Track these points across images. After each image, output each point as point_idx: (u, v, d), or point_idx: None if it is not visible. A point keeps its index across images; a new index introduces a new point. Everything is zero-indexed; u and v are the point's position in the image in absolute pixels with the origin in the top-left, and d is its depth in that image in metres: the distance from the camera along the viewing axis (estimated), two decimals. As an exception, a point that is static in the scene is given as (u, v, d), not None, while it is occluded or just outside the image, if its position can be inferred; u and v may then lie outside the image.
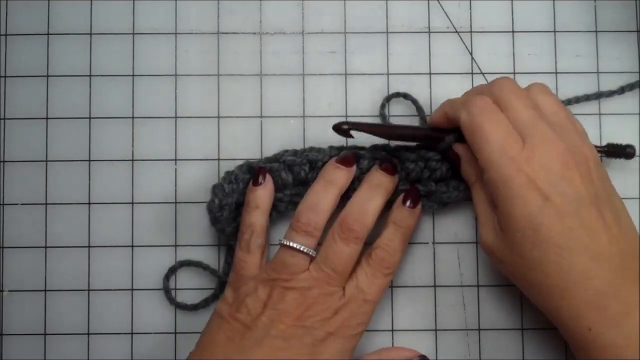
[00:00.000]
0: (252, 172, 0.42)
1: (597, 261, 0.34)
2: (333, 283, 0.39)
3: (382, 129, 0.42)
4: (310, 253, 0.39)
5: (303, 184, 0.42)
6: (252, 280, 0.40)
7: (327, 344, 0.38)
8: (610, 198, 0.36)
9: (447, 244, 0.44)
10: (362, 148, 0.43)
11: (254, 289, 0.39)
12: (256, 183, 0.41)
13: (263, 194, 0.41)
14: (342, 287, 0.39)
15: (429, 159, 0.41)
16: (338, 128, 0.40)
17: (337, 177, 0.41)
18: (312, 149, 0.43)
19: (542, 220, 0.34)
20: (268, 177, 0.41)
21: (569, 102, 0.44)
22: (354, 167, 0.41)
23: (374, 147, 0.43)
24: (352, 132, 0.40)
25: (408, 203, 0.41)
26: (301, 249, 0.39)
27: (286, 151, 0.43)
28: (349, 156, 0.41)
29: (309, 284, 0.38)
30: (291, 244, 0.39)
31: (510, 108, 0.37)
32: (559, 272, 0.34)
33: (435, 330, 0.43)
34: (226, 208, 0.41)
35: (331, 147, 0.43)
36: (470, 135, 0.37)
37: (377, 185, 0.40)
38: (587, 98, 0.44)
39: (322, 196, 0.40)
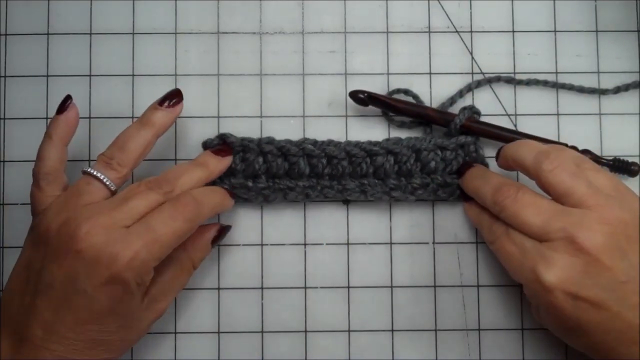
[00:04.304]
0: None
1: None
2: (116, 216, 0.35)
3: (395, 103, 0.43)
4: (107, 183, 0.37)
5: (318, 177, 0.42)
6: (42, 214, 0.36)
7: (105, 292, 0.34)
8: None
9: (447, 244, 0.44)
10: (377, 143, 0.43)
11: (44, 225, 0.35)
12: (60, 110, 0.38)
13: (63, 122, 0.38)
14: (127, 226, 0.35)
15: (445, 148, 0.42)
16: (354, 95, 0.43)
17: (155, 118, 0.39)
18: (330, 142, 0.43)
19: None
20: (73, 106, 0.38)
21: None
22: (180, 107, 0.40)
23: (387, 141, 0.43)
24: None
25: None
26: (98, 175, 0.37)
27: (306, 139, 0.43)
28: (173, 93, 0.40)
29: (90, 214, 0.35)
30: (89, 170, 0.37)
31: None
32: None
33: (435, 330, 0.43)
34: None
35: (348, 142, 0.43)
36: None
37: (200, 163, 0.40)
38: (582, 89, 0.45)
39: (132, 136, 0.38)
